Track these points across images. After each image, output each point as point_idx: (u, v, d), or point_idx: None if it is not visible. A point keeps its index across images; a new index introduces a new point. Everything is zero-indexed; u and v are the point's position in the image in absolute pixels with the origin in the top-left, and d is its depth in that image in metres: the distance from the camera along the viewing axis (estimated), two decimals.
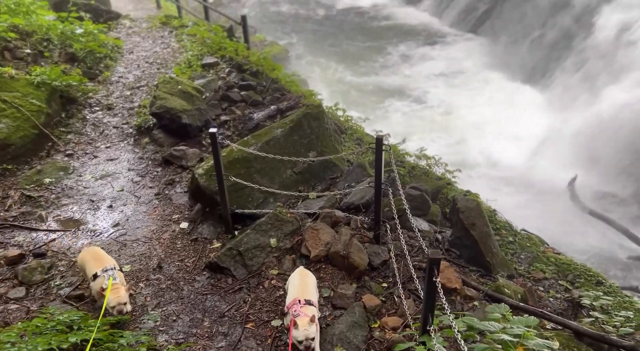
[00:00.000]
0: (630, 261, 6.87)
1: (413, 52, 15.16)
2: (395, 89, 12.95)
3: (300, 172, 5.44)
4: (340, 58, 15.39)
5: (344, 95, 12.85)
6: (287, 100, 7.33)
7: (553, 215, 7.68)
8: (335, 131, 6.53)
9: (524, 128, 10.02)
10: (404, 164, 6.70)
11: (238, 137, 6.17)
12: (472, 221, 4.53)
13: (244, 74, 7.64)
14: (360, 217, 4.82)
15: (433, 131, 10.62)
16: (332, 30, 18.25)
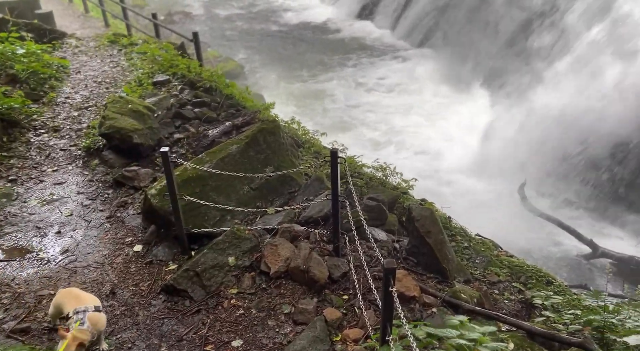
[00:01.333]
0: (578, 260, 7.18)
1: (366, 64, 15.48)
2: (350, 101, 13.16)
3: (258, 188, 5.40)
4: (295, 72, 15.50)
5: (301, 108, 12.91)
6: (243, 116, 7.28)
7: (505, 219, 7.94)
8: (292, 145, 6.54)
9: (473, 136, 10.39)
10: (361, 175, 6.76)
11: (192, 155, 6.06)
12: (427, 229, 4.62)
13: (197, 91, 7.55)
14: (319, 230, 4.82)
15: (386, 142, 10.82)
16: (287, 45, 18.37)
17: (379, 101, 12.92)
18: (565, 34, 11.27)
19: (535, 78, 11.07)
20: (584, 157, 8.85)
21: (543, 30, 11.95)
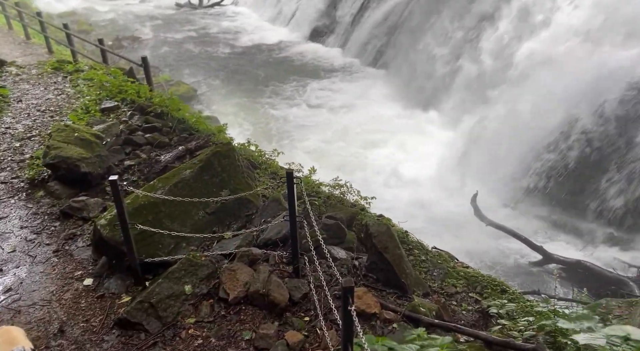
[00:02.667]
0: (530, 267, 7.45)
1: (317, 85, 15.72)
2: (304, 120, 13.29)
3: (214, 213, 5.30)
4: (249, 93, 15.51)
5: (256, 129, 12.89)
6: (196, 139, 7.18)
7: (460, 230, 8.15)
8: (248, 167, 6.48)
9: (424, 151, 10.69)
10: (319, 194, 6.77)
11: (144, 181, 5.90)
12: (384, 244, 4.67)
13: (148, 116, 7.40)
14: (278, 252, 4.77)
15: (342, 160, 10.96)
16: (240, 67, 18.39)
17: (332, 120, 13.12)
18: (504, 48, 11.85)
19: (480, 93, 11.55)
20: (531, 167, 9.24)
21: (482, 46, 12.52)
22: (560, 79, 9.30)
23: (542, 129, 9.14)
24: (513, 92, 10.35)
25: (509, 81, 10.90)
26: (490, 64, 11.85)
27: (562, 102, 8.97)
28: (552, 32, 10.78)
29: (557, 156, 8.68)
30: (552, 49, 10.34)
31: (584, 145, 8.60)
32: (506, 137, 9.70)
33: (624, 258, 7.23)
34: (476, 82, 11.96)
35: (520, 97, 10.03)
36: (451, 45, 13.50)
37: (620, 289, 6.04)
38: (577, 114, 8.70)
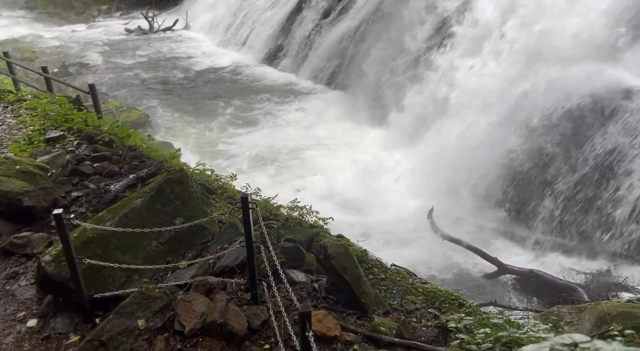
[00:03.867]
0: (486, 279, 7.64)
1: (273, 107, 15.80)
2: (258, 142, 13.29)
3: (167, 242, 5.15)
4: (203, 117, 15.37)
5: (212, 153, 12.73)
6: (148, 167, 7.01)
7: (419, 246, 8.29)
8: (202, 193, 6.37)
9: (380, 169, 10.88)
10: (277, 217, 6.73)
11: (93, 213, 5.68)
12: (343, 265, 4.67)
13: (96, 145, 7.16)
14: (235, 280, 4.67)
15: (298, 180, 10.99)
16: (193, 91, 18.22)
17: (287, 141, 13.20)
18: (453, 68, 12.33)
19: (430, 112, 11.90)
20: (483, 181, 9.53)
21: (432, 66, 12.98)
22: (507, 96, 9.72)
23: (492, 143, 9.49)
24: (462, 110, 10.72)
25: (458, 99, 11.30)
26: (441, 83, 12.25)
27: (510, 118, 9.35)
28: (500, 52, 11.29)
29: (506, 169, 9.02)
30: (500, 68, 10.82)
31: (531, 157, 8.98)
32: (458, 153, 10.01)
33: (572, 265, 7.55)
34: (426, 101, 12.34)
35: (469, 114, 10.40)
36: (402, 66, 13.92)
37: (570, 296, 6.28)
38: (524, 128, 9.09)
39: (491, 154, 9.25)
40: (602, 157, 8.09)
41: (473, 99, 10.70)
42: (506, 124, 9.20)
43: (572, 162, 8.44)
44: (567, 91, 8.61)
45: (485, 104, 10.00)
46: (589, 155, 8.26)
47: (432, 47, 13.37)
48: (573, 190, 8.27)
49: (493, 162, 9.22)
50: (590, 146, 8.26)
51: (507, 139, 9.07)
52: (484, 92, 10.55)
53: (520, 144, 8.95)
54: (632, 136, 7.72)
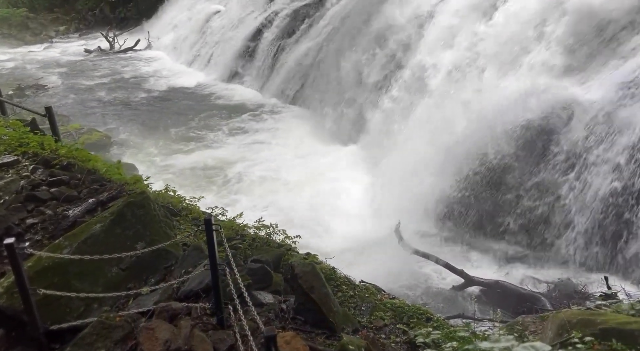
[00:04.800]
0: (454, 291, 7.74)
1: (238, 125, 15.77)
2: (226, 161, 13.19)
3: (129, 268, 5.00)
4: (166, 137, 15.16)
5: (176, 174, 12.52)
6: (108, 190, 6.80)
7: (386, 262, 8.34)
8: (166, 216, 6.24)
9: (347, 186, 10.97)
10: (244, 237, 6.65)
11: (50, 240, 5.44)
12: (310, 284, 4.64)
13: (53, 169, 6.92)
14: (200, 304, 4.56)
15: (265, 199, 10.95)
16: (157, 111, 17.99)
17: (252, 159, 13.16)
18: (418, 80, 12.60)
19: (397, 127, 12.11)
20: (448, 194, 9.71)
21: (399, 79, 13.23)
22: (467, 114, 9.99)
23: (455, 157, 9.70)
24: (426, 125, 10.93)
25: (422, 114, 11.53)
26: (405, 100, 12.49)
27: (472, 133, 9.59)
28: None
29: (469, 183, 9.24)
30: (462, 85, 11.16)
31: (493, 169, 9.21)
32: (423, 168, 10.18)
33: (535, 275, 7.75)
34: (391, 117, 12.55)
35: (433, 129, 10.61)
36: (367, 81, 14.15)
37: (534, 305, 6.43)
38: (486, 142, 9.33)
39: (454, 169, 9.46)
40: (560, 165, 8.39)
41: (436, 115, 10.95)
42: (467, 140, 9.44)
43: (532, 172, 8.71)
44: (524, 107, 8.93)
45: (446, 121, 10.26)
46: (547, 164, 8.55)
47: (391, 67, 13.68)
48: (533, 200, 8.53)
49: (456, 177, 9.43)
50: (550, 154, 8.55)
51: (468, 154, 9.30)
52: (447, 107, 10.82)
53: (481, 157, 9.19)
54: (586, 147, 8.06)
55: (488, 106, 9.38)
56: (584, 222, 7.71)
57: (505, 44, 10.54)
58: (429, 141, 10.23)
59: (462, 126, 9.66)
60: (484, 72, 10.55)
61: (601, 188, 7.72)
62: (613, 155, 7.68)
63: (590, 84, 8.79)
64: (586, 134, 8.08)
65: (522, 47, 10.30)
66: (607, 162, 7.74)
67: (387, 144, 11.81)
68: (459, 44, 11.59)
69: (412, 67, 12.58)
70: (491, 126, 9.08)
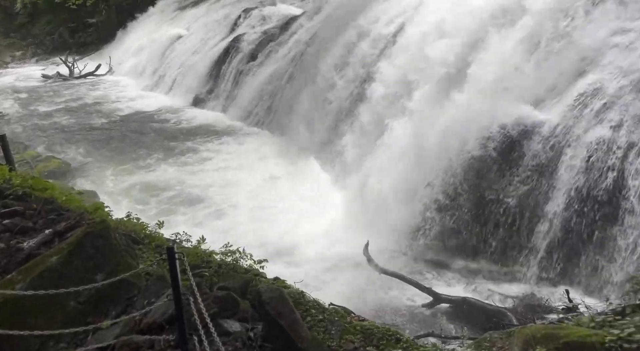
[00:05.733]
0: (423, 309, 7.79)
1: (202, 149, 15.63)
2: (188, 185, 12.99)
3: (87, 301, 4.80)
4: (129, 163, 14.83)
5: (139, 201, 12.23)
6: (66, 220, 6.55)
7: (356, 283, 8.33)
8: (127, 245, 6.06)
9: (317, 207, 10.97)
10: (210, 263, 6.52)
11: (2, 275, 5.17)
12: (278, 310, 4.58)
13: (7, 200, 6.63)
14: (164, 336, 4.40)
15: (230, 222, 10.83)
16: (119, 137, 17.63)
17: (217, 182, 13.04)
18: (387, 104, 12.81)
19: (365, 148, 12.23)
20: (415, 212, 9.82)
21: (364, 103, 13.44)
22: (435, 129, 10.18)
23: (424, 174, 9.85)
24: (395, 146, 11.05)
25: (391, 134, 11.68)
26: (372, 122, 12.65)
27: (439, 148, 9.78)
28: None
29: (433, 201, 9.41)
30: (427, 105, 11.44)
31: (456, 188, 9.40)
32: (392, 188, 10.30)
33: (501, 290, 7.90)
34: (360, 139, 12.68)
35: (401, 150, 10.74)
36: (331, 107, 14.32)
37: (501, 321, 6.53)
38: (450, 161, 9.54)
39: (421, 189, 9.62)
40: (524, 181, 8.64)
41: (403, 137, 11.13)
42: (432, 160, 9.66)
43: (496, 189, 8.93)
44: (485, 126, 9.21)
45: (413, 143, 10.46)
46: (511, 181, 8.80)
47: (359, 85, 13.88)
48: (499, 217, 8.74)
49: (423, 196, 9.59)
50: (515, 170, 8.80)
51: (433, 173, 9.50)
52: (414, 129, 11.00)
53: (445, 177, 9.40)
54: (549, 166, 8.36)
55: (452, 126, 9.64)
56: (544, 236, 7.94)
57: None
58: (397, 162, 10.39)
59: (428, 147, 9.86)
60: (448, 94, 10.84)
61: (560, 203, 7.99)
62: (570, 170, 7.98)
63: (546, 103, 9.17)
64: (546, 151, 8.39)
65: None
66: (565, 177, 8.04)
67: (356, 165, 11.91)
68: (422, 68, 11.94)
69: (376, 91, 12.84)
70: (454, 145, 9.33)
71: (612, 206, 7.50)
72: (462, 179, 9.13)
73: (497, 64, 9.74)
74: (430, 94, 10.73)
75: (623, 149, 7.61)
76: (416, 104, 10.85)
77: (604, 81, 8.49)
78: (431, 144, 9.87)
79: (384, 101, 12.33)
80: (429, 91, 10.87)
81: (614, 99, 8.17)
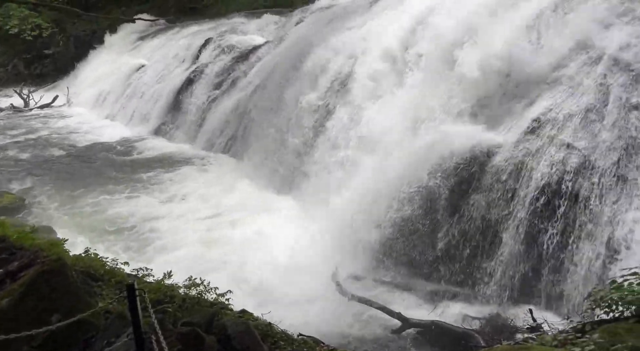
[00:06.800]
0: (393, 334, 7.79)
1: (164, 179, 15.32)
2: (150, 217, 12.65)
3: (42, 345, 4.55)
4: (88, 196, 14.33)
5: (99, 235, 11.80)
6: (19, 259, 6.27)
7: (325, 311, 8.25)
8: (85, 282, 5.85)
9: (282, 234, 10.87)
10: (173, 298, 6.32)
11: None
12: (245, 344, 4.49)
13: None
14: None
15: (194, 253, 10.59)
16: (77, 169, 17.09)
17: (182, 213, 12.79)
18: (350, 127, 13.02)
19: (332, 173, 12.31)
20: (382, 237, 9.88)
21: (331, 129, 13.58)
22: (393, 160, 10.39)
23: (386, 199, 9.97)
24: (360, 173, 11.18)
25: (354, 159, 11.83)
26: (336, 149, 12.78)
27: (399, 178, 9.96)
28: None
29: (397, 227, 9.52)
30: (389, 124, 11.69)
31: (420, 212, 9.55)
32: (357, 213, 10.36)
33: (468, 312, 7.99)
34: (326, 163, 12.76)
35: (365, 177, 10.88)
36: (293, 140, 14.40)
37: (469, 343, 6.58)
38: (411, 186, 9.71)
39: (386, 214, 9.73)
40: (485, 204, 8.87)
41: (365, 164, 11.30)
42: (395, 185, 9.82)
43: (457, 212, 9.13)
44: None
45: (375, 169, 10.63)
46: (470, 207, 9.02)
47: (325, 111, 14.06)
48: (459, 239, 8.91)
49: (388, 221, 9.69)
50: (473, 194, 9.02)
51: (396, 196, 9.65)
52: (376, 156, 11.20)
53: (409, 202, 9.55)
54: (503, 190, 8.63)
55: (413, 152, 9.88)
56: (505, 256, 8.14)
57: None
58: (363, 188, 10.50)
59: (391, 173, 10.05)
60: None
61: (520, 223, 8.24)
62: (529, 191, 8.27)
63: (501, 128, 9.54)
64: (499, 175, 8.69)
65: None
66: (524, 198, 8.32)
67: (322, 192, 11.95)
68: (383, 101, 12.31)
69: (337, 121, 13.09)
70: (414, 172, 9.55)
71: (566, 225, 7.80)
72: (421, 204, 9.33)
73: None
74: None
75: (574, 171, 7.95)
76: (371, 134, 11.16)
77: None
78: (391, 173, 10.08)
79: (342, 132, 12.64)
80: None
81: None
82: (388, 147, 10.53)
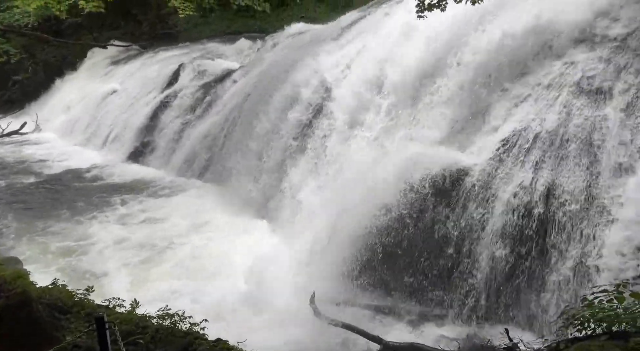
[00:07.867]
0: None
1: (137, 205, 15.06)
2: (122, 245, 12.37)
3: None
4: (58, 224, 13.93)
5: (68, 265, 11.44)
6: None
7: (304, 335, 8.13)
8: (53, 316, 5.64)
9: (262, 260, 10.72)
10: (146, 329, 6.17)
11: None
12: None
13: None
14: None
15: (170, 281, 10.37)
16: (46, 197, 16.65)
17: (156, 239, 12.51)
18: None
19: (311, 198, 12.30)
20: (358, 262, 9.84)
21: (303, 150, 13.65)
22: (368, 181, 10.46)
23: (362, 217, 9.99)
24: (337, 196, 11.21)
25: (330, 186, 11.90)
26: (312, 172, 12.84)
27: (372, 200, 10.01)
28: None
29: (373, 251, 9.52)
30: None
31: (393, 232, 9.58)
32: (334, 237, 10.34)
33: (446, 333, 7.99)
34: (300, 187, 12.77)
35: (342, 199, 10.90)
36: (269, 163, 14.41)
37: None
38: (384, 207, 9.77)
39: (362, 238, 9.73)
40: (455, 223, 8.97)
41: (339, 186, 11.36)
42: (368, 206, 9.87)
43: (429, 231, 9.21)
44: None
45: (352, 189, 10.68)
46: (441, 224, 9.12)
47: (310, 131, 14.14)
48: (433, 261, 8.97)
49: (364, 244, 9.69)
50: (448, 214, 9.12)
51: (372, 218, 9.68)
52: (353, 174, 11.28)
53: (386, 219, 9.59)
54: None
55: (383, 174, 10.00)
56: (480, 276, 8.22)
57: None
58: (340, 211, 10.52)
59: (364, 194, 10.12)
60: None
61: (494, 242, 8.36)
62: (502, 209, 8.42)
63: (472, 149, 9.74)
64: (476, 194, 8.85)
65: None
66: (498, 217, 8.45)
67: (297, 216, 11.93)
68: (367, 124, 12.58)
69: (315, 142, 13.19)
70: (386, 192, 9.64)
71: (539, 244, 7.96)
72: (398, 227, 9.39)
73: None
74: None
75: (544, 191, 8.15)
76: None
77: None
78: (368, 196, 10.16)
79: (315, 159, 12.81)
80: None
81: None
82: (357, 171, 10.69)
